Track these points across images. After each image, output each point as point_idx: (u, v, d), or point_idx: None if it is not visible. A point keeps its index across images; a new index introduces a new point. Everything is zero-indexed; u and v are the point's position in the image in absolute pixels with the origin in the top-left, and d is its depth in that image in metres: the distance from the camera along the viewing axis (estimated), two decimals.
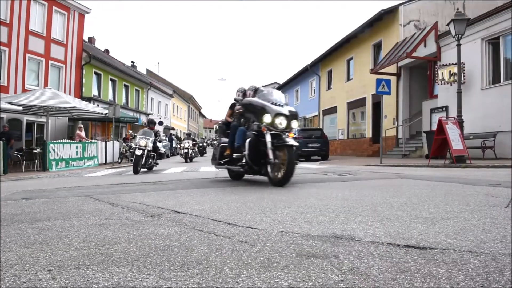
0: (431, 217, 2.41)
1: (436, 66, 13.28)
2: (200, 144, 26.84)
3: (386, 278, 1.29)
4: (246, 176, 6.19)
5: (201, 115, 70.39)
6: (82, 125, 16.07)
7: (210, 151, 29.89)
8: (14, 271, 1.47)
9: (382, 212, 2.62)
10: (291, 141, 4.62)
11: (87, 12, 20.75)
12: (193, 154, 17.57)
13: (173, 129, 35.81)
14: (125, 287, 1.27)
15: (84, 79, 20.29)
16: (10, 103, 11.01)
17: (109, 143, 15.18)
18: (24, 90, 15.83)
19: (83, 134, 15.15)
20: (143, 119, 26.92)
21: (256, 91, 5.60)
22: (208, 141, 47.51)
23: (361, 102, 18.99)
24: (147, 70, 45.02)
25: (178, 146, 22.06)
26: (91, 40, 28.96)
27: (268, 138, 4.70)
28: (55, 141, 12.12)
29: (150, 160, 9.90)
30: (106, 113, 14.20)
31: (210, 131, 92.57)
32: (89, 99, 19.39)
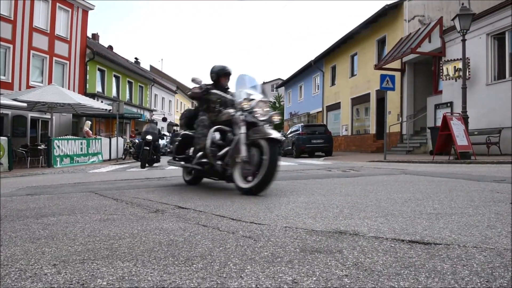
0: (435, 212, 2.40)
1: (440, 62, 13.17)
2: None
3: (391, 273, 1.28)
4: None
5: None
6: (90, 122, 16.06)
7: None
8: (20, 266, 1.48)
9: (386, 208, 2.62)
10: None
11: (91, 9, 20.78)
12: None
13: (176, 125, 35.84)
14: (130, 281, 1.28)
15: (88, 76, 20.35)
16: (14, 99, 11.08)
17: (113, 140, 15.23)
18: (28, 86, 15.89)
19: (90, 132, 15.22)
20: (147, 115, 26.98)
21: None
22: None
23: (365, 98, 18.90)
24: (151, 67, 44.99)
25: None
26: (95, 36, 29.02)
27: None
28: (59, 138, 12.19)
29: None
30: (110, 110, 14.24)
31: None
32: (93, 96, 19.44)
